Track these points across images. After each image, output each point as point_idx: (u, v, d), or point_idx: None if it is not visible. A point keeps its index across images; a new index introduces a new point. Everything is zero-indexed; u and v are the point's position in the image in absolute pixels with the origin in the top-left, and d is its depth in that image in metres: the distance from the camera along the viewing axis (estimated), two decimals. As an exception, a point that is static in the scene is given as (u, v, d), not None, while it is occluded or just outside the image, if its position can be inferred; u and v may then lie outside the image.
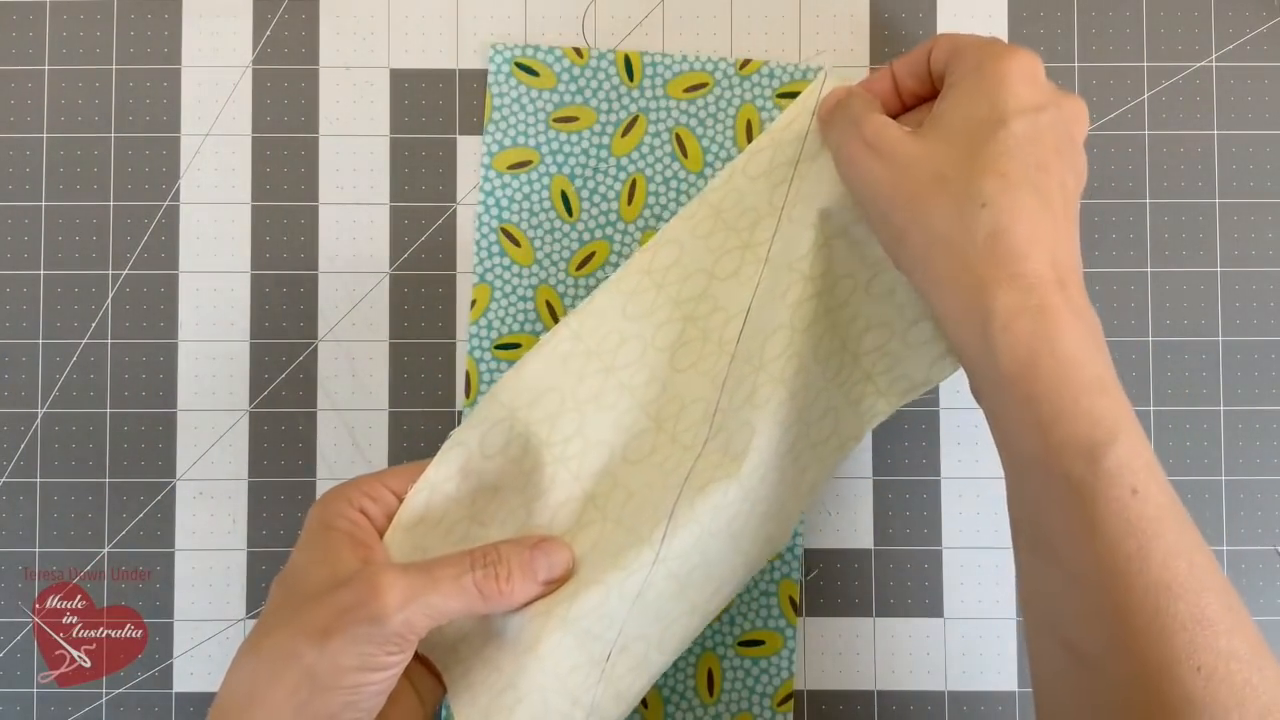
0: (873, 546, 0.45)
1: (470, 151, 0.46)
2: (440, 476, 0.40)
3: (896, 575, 0.45)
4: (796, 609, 0.44)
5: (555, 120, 0.45)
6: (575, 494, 0.40)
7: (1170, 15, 0.46)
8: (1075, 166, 0.36)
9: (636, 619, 0.39)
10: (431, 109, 0.46)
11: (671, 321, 0.42)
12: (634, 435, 0.41)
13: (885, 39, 0.46)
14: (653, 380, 0.42)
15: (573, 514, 0.40)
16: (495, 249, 0.45)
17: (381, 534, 0.38)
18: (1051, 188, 0.35)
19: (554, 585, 0.38)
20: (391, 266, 0.46)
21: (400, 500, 0.39)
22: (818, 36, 0.46)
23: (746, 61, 0.45)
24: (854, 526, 0.45)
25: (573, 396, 0.41)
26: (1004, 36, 0.46)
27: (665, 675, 0.44)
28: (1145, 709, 0.31)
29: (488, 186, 0.45)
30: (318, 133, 0.46)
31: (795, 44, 0.46)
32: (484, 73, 0.46)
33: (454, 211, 0.46)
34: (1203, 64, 0.46)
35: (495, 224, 0.45)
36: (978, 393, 0.36)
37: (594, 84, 0.45)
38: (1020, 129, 0.35)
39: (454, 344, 0.45)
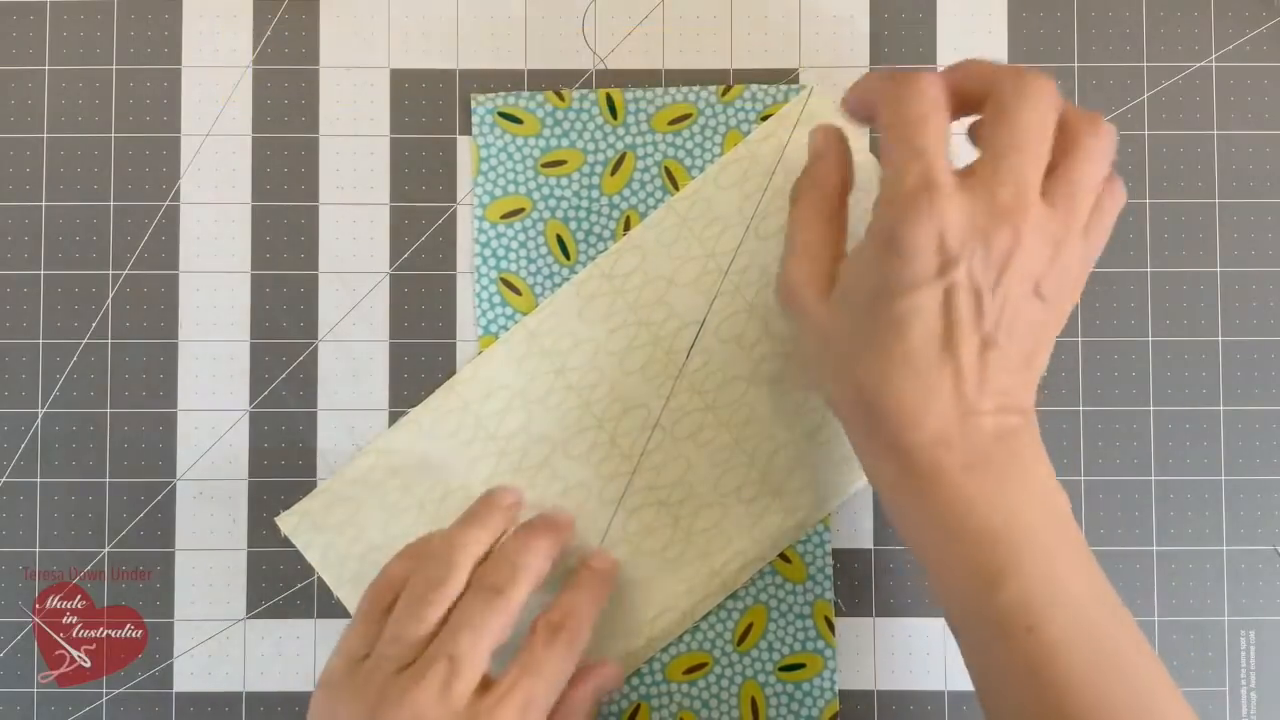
0: (873, 546, 0.45)
1: (471, 151, 0.46)
2: (389, 445, 0.44)
3: (896, 575, 0.45)
4: (832, 629, 0.44)
5: (544, 165, 0.45)
6: (514, 484, 0.43)
7: (1170, 15, 0.46)
8: (999, 315, 0.34)
9: None
10: (431, 109, 0.46)
11: (626, 326, 0.44)
12: (576, 432, 0.43)
13: (885, 39, 0.46)
14: (601, 382, 0.44)
15: None
16: (497, 299, 0.45)
17: None
18: (947, 350, 0.34)
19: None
20: (391, 266, 0.46)
21: None
22: (817, 37, 0.46)
23: (728, 88, 0.45)
24: (854, 526, 0.45)
25: (522, 395, 0.44)
26: (1004, 37, 0.46)
27: (709, 708, 0.44)
28: None
29: (483, 238, 0.45)
30: (318, 133, 0.46)
31: (795, 44, 0.46)
32: (484, 72, 0.46)
33: (454, 211, 0.46)
34: (1203, 64, 0.46)
35: (494, 274, 0.45)
36: None
37: (578, 125, 0.45)
38: (912, 304, 0.33)
39: (454, 344, 0.45)
